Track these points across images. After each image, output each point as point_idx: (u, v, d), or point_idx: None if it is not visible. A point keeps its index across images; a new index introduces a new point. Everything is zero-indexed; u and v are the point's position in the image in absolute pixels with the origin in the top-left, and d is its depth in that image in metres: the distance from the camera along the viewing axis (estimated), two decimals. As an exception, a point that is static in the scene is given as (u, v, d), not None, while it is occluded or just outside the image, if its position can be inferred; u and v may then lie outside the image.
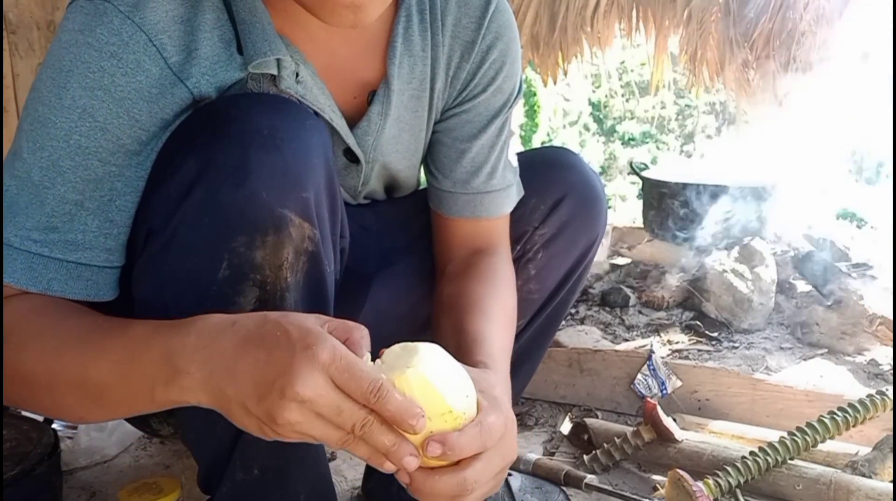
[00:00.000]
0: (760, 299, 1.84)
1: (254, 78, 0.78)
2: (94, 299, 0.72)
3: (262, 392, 0.56)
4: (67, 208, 0.69)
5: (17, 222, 0.68)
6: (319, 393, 0.55)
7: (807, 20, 2.29)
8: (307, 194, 0.70)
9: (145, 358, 0.61)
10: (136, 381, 0.63)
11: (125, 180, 0.71)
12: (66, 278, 0.69)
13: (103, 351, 0.64)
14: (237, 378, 0.58)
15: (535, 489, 1.09)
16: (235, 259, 0.68)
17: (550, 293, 1.07)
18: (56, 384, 0.66)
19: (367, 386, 0.55)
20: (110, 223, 0.71)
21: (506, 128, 0.96)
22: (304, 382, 0.54)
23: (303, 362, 0.55)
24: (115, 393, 0.65)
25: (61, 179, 0.68)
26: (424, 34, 0.89)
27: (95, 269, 0.71)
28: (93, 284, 0.71)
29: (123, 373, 0.63)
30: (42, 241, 0.68)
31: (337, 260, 0.80)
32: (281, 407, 0.55)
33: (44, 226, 0.68)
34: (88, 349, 0.65)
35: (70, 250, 0.69)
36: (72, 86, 0.68)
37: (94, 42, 0.68)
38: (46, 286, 0.68)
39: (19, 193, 0.69)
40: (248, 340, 0.58)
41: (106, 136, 0.69)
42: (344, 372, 0.55)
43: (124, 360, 0.63)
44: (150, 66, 0.70)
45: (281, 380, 0.55)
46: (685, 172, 2.29)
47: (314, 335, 0.56)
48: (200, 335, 0.60)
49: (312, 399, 0.55)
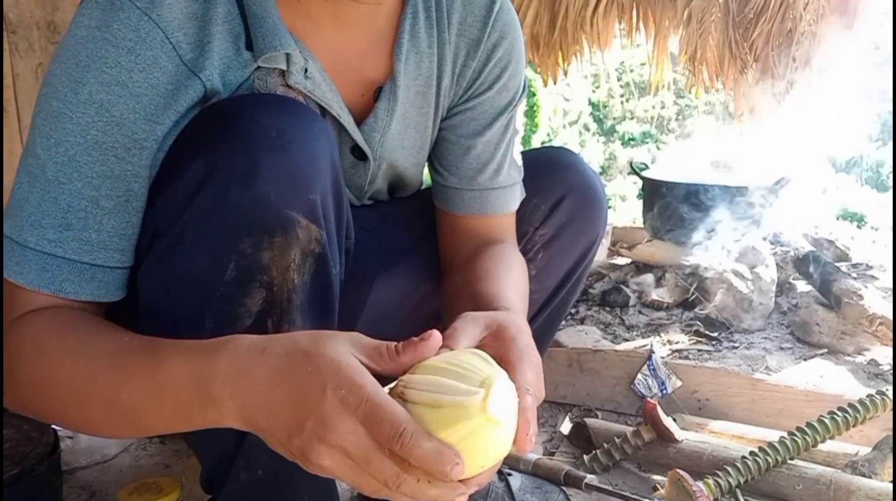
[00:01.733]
0: (760, 299, 1.84)
1: (261, 75, 0.78)
2: (104, 300, 0.71)
3: (295, 432, 0.55)
4: (83, 205, 0.68)
5: (32, 219, 0.68)
6: (350, 441, 0.53)
7: (807, 20, 2.29)
8: (314, 195, 0.70)
9: (178, 385, 0.60)
10: (171, 406, 0.62)
11: (142, 181, 0.70)
12: (80, 281, 0.69)
13: (134, 376, 0.63)
14: (270, 413, 0.57)
15: (535, 489, 1.09)
16: (243, 260, 0.68)
17: (551, 293, 1.07)
18: (87, 404, 0.66)
19: (389, 431, 0.53)
20: (126, 224, 0.70)
21: (511, 126, 0.97)
22: (334, 429, 0.53)
23: (333, 407, 0.53)
24: (149, 416, 0.64)
25: (77, 174, 0.68)
26: (431, 31, 0.89)
27: (107, 270, 0.70)
28: (104, 285, 0.71)
29: (156, 398, 0.62)
30: (56, 240, 0.68)
31: (342, 261, 0.80)
32: (313, 451, 0.54)
33: (59, 224, 0.68)
34: (119, 372, 0.64)
35: (84, 251, 0.69)
36: (88, 81, 0.67)
37: (110, 37, 0.68)
38: (59, 288, 0.68)
39: (31, 190, 0.68)
40: (278, 372, 0.57)
41: (122, 131, 0.69)
42: (368, 415, 0.53)
43: (156, 386, 0.62)
44: (166, 62, 0.70)
45: (312, 424, 0.54)
46: (685, 172, 2.29)
47: (345, 376, 0.54)
48: (230, 363, 0.58)
49: (344, 447, 0.53)
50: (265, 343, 0.59)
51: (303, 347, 0.57)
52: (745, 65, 2.42)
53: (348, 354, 0.56)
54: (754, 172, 2.18)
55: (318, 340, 0.58)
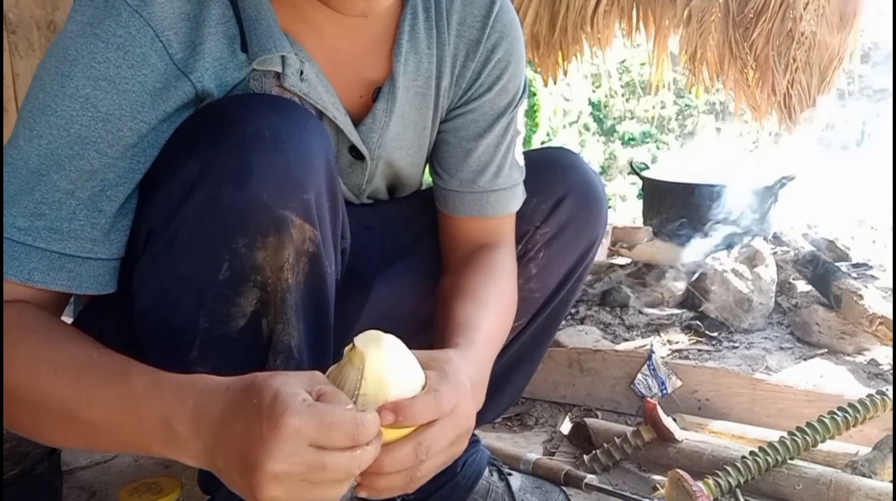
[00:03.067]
0: (760, 299, 1.84)
1: (256, 76, 0.78)
2: (76, 292, 0.70)
3: (241, 468, 0.55)
4: (57, 197, 0.68)
5: (5, 208, 0.67)
6: (292, 462, 0.53)
7: (807, 20, 2.29)
8: (308, 195, 0.70)
9: (143, 414, 0.60)
10: (132, 432, 0.61)
11: (117, 171, 0.70)
12: (48, 269, 0.68)
13: (98, 396, 0.62)
14: (223, 451, 0.57)
15: (535, 489, 1.09)
16: (236, 260, 0.68)
17: (551, 293, 1.07)
18: (43, 413, 0.64)
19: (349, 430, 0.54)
20: (98, 213, 0.69)
21: (511, 127, 0.97)
22: (272, 456, 0.53)
23: (269, 434, 0.53)
24: (106, 436, 0.64)
25: (56, 167, 0.67)
26: (430, 32, 0.89)
27: (79, 260, 0.69)
28: (75, 275, 0.69)
29: (119, 422, 0.62)
30: (26, 229, 0.67)
31: (338, 261, 0.80)
32: (259, 485, 0.54)
33: (31, 213, 0.67)
34: (83, 389, 0.63)
35: (54, 240, 0.68)
36: (76, 75, 0.67)
37: (101, 33, 0.68)
38: (28, 277, 0.67)
39: (11, 180, 0.68)
40: (231, 407, 0.57)
41: (106, 127, 0.68)
42: (321, 430, 0.54)
43: (121, 409, 0.61)
44: (155, 61, 0.70)
45: (251, 457, 0.54)
46: (685, 172, 2.29)
47: (281, 402, 0.54)
48: (198, 402, 0.59)
49: (286, 472, 0.53)
50: (230, 382, 0.59)
51: (257, 382, 0.57)
52: (745, 65, 2.42)
53: (293, 385, 0.56)
54: (754, 172, 2.18)
55: (272, 375, 0.58)
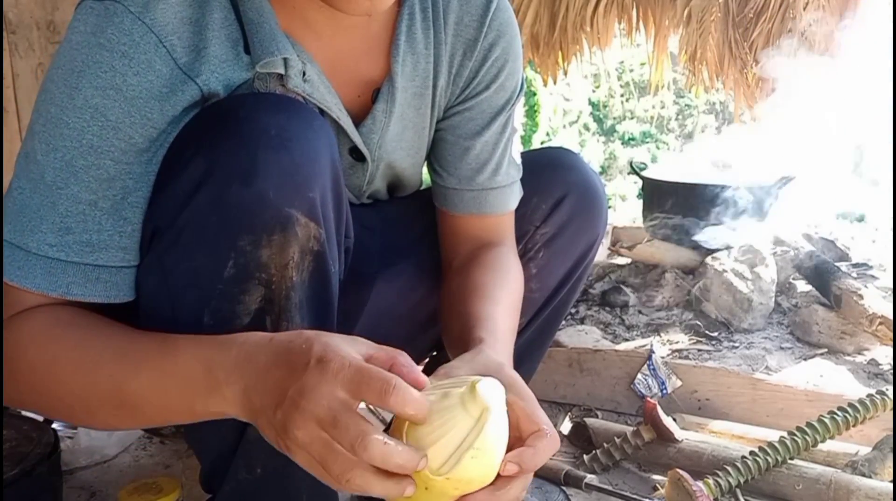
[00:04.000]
0: (760, 299, 1.84)
1: (261, 77, 0.78)
2: (114, 301, 0.71)
3: (279, 403, 0.57)
4: (81, 209, 0.68)
5: (32, 225, 0.68)
6: (322, 405, 0.55)
7: (807, 20, 2.29)
8: (314, 193, 0.70)
9: (188, 371, 0.63)
10: (176, 393, 0.64)
11: (135, 177, 0.70)
12: (85, 282, 0.69)
13: (144, 364, 0.65)
14: (264, 391, 0.59)
15: (535, 489, 1.09)
16: (241, 258, 0.68)
17: (551, 293, 1.07)
18: (91, 397, 0.67)
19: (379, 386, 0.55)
20: (124, 222, 0.70)
21: (509, 125, 0.97)
22: (309, 395, 0.55)
23: (312, 375, 0.56)
24: (152, 405, 0.66)
25: (74, 179, 0.68)
26: (427, 32, 0.89)
27: (113, 270, 0.70)
28: (112, 285, 0.71)
29: (163, 386, 0.64)
30: (58, 244, 0.68)
31: (341, 260, 0.81)
32: (290, 421, 0.56)
33: (58, 228, 0.68)
34: (128, 363, 0.66)
35: (87, 253, 0.69)
36: (83, 86, 0.68)
37: (105, 42, 0.68)
38: (66, 291, 0.68)
39: (32, 195, 0.68)
40: (278, 354, 0.60)
41: (118, 135, 0.69)
42: (354, 378, 0.55)
43: (166, 373, 0.64)
44: (160, 66, 0.70)
45: (292, 392, 0.56)
46: (685, 172, 2.29)
47: (331, 350, 0.57)
48: (241, 350, 0.61)
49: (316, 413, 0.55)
50: (275, 334, 0.63)
51: (305, 334, 0.60)
52: (745, 65, 2.42)
53: (345, 345, 0.59)
54: (754, 172, 2.18)
55: (320, 332, 0.61)
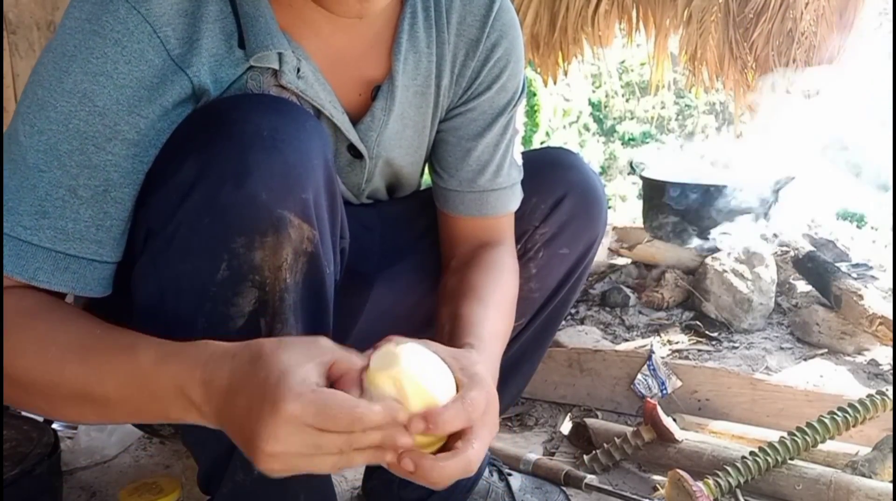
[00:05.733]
0: (760, 299, 1.84)
1: (254, 72, 0.78)
2: (80, 294, 0.71)
3: (243, 441, 0.59)
4: (60, 194, 0.68)
5: (9, 206, 0.68)
6: (288, 443, 0.56)
7: (807, 20, 2.29)
8: (307, 195, 0.70)
9: (156, 385, 0.63)
10: (147, 402, 0.65)
11: (121, 171, 0.70)
12: (53, 270, 0.68)
13: (108, 371, 0.65)
14: (230, 419, 0.60)
15: (535, 489, 1.09)
16: (235, 260, 0.68)
17: (551, 293, 1.07)
18: (56, 393, 0.66)
19: (347, 422, 0.57)
20: (104, 215, 0.70)
21: (510, 126, 0.97)
22: (268, 439, 0.56)
23: (268, 418, 0.56)
24: (122, 409, 0.67)
25: (57, 163, 0.68)
26: (430, 31, 0.89)
27: (84, 261, 0.70)
28: (79, 277, 0.70)
29: (132, 395, 0.65)
30: (32, 228, 0.67)
31: (337, 261, 0.80)
32: (258, 460, 0.58)
33: (35, 211, 0.68)
34: (91, 366, 0.65)
35: (59, 240, 0.68)
36: (74, 70, 0.68)
37: (98, 29, 0.68)
38: (32, 276, 0.68)
39: (11, 176, 0.68)
40: (238, 378, 0.60)
41: (104, 121, 0.68)
42: (318, 417, 0.56)
43: (132, 383, 0.64)
44: (152, 56, 0.70)
45: (251, 434, 0.57)
46: (685, 172, 2.29)
47: (284, 385, 0.57)
48: (205, 369, 0.61)
49: (283, 452, 0.57)
50: (237, 350, 0.62)
51: (263, 353, 0.60)
52: (745, 65, 2.42)
53: (302, 364, 0.59)
54: (755, 172, 2.18)
55: (279, 346, 0.60)
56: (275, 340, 0.62)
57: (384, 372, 0.61)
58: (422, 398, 0.61)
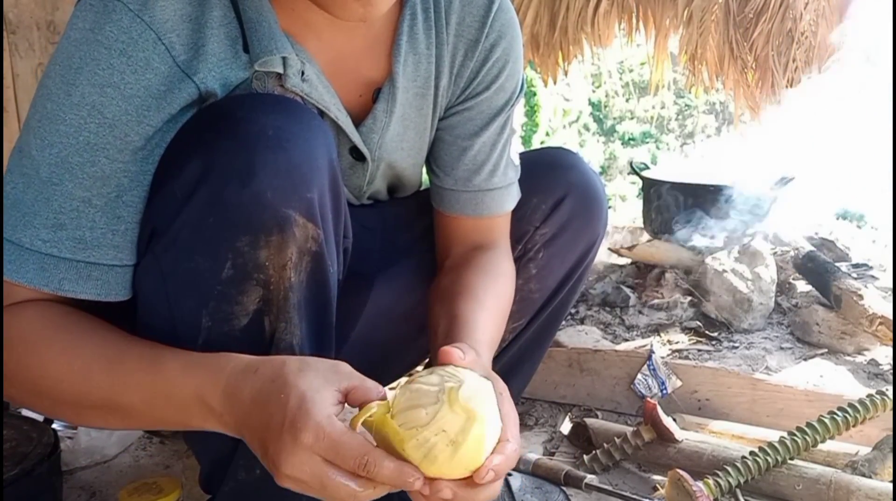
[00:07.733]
0: (760, 299, 1.84)
1: (259, 76, 0.78)
2: (106, 300, 0.71)
3: (262, 455, 0.61)
4: (74, 205, 0.68)
5: (26, 220, 0.68)
6: (303, 471, 0.58)
7: (807, 20, 2.29)
8: (311, 194, 0.70)
9: (179, 396, 0.65)
10: (171, 412, 0.67)
11: (131, 176, 0.70)
12: (77, 278, 0.69)
13: (133, 382, 0.67)
14: (250, 431, 0.62)
15: (535, 489, 1.09)
16: (239, 259, 0.68)
17: (551, 293, 1.07)
18: (83, 403, 0.68)
19: (354, 464, 0.58)
20: (118, 220, 0.70)
21: (507, 126, 0.97)
22: (284, 463, 0.58)
23: (287, 442, 0.58)
24: (146, 417, 0.69)
25: (69, 175, 0.68)
26: (429, 32, 0.89)
27: (105, 268, 0.70)
28: (103, 283, 0.71)
29: (157, 404, 0.66)
30: (51, 240, 0.68)
31: (340, 260, 0.81)
32: (276, 477, 0.60)
33: (52, 224, 0.68)
34: (117, 376, 0.67)
35: (79, 249, 0.69)
36: (81, 83, 0.68)
37: (103, 40, 0.68)
38: (58, 286, 0.69)
39: (26, 190, 0.68)
40: (260, 394, 0.61)
41: (114, 132, 0.69)
42: (329, 452, 0.58)
43: (157, 394, 0.66)
44: (158, 64, 0.70)
45: (271, 453, 0.59)
46: (685, 172, 2.29)
47: (303, 413, 0.58)
48: (229, 381, 0.63)
49: (297, 477, 0.58)
50: (259, 364, 0.63)
51: (285, 373, 0.61)
52: (745, 65, 2.42)
53: (322, 389, 0.60)
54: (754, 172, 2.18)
55: (301, 368, 0.62)
56: (297, 360, 0.63)
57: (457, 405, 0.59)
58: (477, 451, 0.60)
